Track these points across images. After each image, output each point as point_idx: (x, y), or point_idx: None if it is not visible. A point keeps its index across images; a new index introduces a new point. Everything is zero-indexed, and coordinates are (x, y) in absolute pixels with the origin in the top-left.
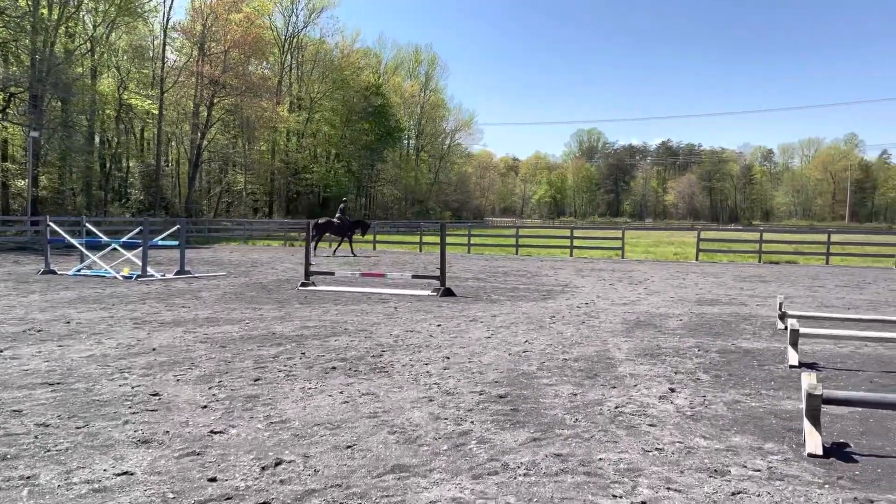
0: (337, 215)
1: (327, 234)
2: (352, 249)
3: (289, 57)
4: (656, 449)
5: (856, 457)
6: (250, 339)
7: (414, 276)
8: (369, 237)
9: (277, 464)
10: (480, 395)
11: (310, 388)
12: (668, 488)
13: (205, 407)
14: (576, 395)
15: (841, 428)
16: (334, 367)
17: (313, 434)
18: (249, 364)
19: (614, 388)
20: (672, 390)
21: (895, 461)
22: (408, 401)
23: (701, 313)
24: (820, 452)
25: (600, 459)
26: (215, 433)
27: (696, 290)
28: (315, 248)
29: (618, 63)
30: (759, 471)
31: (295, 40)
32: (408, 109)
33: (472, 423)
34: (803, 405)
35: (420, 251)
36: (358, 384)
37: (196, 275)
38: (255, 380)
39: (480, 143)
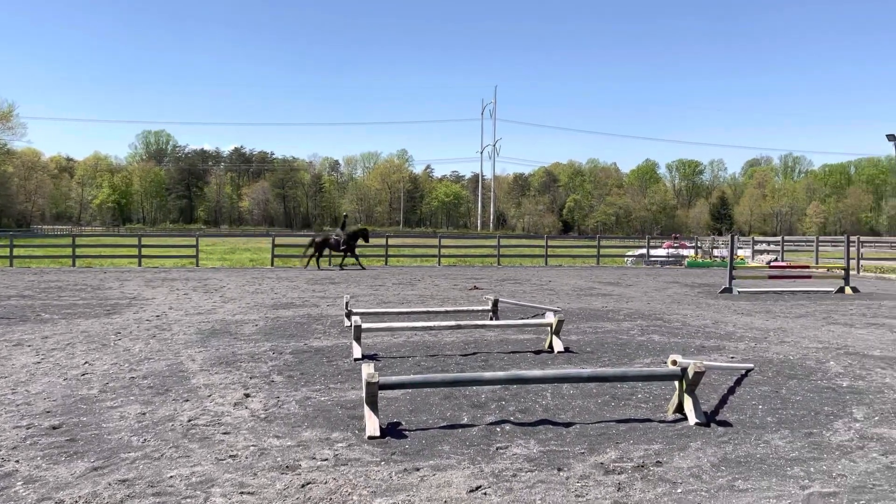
0: (336, 230)
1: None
2: (359, 262)
3: None
4: (230, 456)
5: (406, 433)
6: None
7: None
8: None
9: None
10: (28, 429)
11: None
12: (242, 493)
13: None
14: (144, 414)
15: (395, 409)
16: None
17: None
18: None
19: (187, 401)
20: (247, 395)
21: (435, 431)
22: None
23: (276, 317)
24: (378, 434)
25: (171, 477)
26: None
27: (272, 294)
28: (308, 264)
29: (186, 64)
30: (326, 460)
31: None
32: None
33: (17, 462)
34: (363, 393)
35: None
36: None
37: None
38: None
39: (24, 140)
